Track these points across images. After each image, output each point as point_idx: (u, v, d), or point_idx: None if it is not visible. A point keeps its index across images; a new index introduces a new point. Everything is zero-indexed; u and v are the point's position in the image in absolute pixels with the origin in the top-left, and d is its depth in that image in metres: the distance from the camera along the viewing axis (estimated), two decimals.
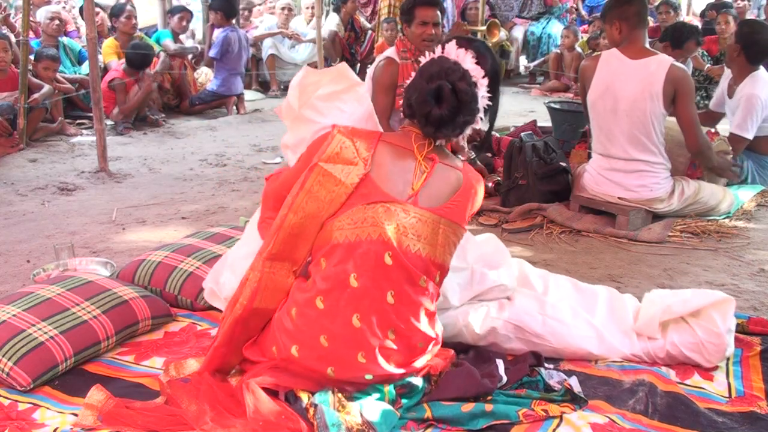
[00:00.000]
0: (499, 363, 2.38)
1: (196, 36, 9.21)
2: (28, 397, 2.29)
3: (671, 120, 4.06)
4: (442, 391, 2.24)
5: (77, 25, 8.21)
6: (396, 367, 2.14)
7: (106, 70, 6.92)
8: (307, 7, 9.39)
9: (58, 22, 7.05)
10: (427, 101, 2.17)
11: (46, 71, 6.30)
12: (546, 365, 2.44)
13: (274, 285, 2.18)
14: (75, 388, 2.34)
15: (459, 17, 9.67)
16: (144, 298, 2.74)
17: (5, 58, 5.93)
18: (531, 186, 4.28)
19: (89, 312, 2.54)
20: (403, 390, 2.19)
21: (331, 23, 9.42)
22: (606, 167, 4.10)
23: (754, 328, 2.72)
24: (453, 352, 2.40)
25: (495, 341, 2.53)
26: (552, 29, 9.76)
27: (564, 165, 4.40)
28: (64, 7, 8.20)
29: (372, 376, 2.12)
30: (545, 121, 5.72)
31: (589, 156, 4.40)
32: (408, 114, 2.26)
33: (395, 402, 2.16)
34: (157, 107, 7.24)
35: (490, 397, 2.23)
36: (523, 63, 10.38)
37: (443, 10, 4.67)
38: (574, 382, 2.31)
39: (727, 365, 2.52)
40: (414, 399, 2.21)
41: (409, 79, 2.28)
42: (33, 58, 6.38)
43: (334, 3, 10.12)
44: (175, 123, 7.12)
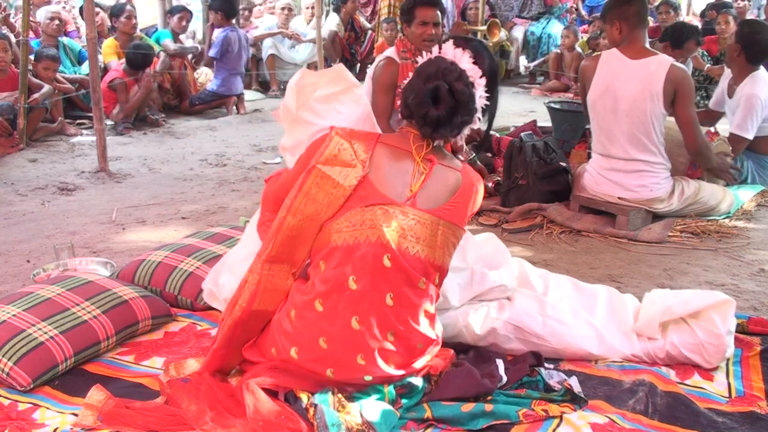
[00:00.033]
0: (499, 363, 2.38)
1: (196, 36, 9.21)
2: (28, 397, 2.29)
3: (671, 120, 4.06)
4: (442, 391, 2.24)
5: (77, 25, 8.21)
6: (395, 369, 2.14)
7: (106, 70, 6.92)
8: (307, 7, 9.38)
9: (58, 22, 7.05)
10: (424, 102, 2.16)
11: (46, 71, 6.30)
12: (546, 365, 2.44)
13: (273, 287, 2.18)
14: (75, 388, 2.34)
15: (459, 17, 9.69)
16: (144, 298, 2.74)
17: (5, 58, 5.93)
18: (531, 186, 4.28)
19: (89, 312, 2.54)
20: (403, 390, 2.19)
21: (331, 23, 9.43)
22: (606, 167, 4.10)
23: (754, 328, 2.72)
24: (453, 352, 2.39)
25: (495, 342, 2.52)
26: (552, 29, 9.76)
27: (564, 165, 4.40)
28: (64, 7, 8.20)
29: (371, 377, 2.12)
30: (545, 121, 5.72)
31: (589, 156, 4.41)
32: (405, 115, 2.26)
33: (395, 402, 2.16)
34: (157, 107, 7.23)
35: (490, 397, 2.23)
36: (523, 63, 10.37)
37: (443, 10, 4.66)
38: (574, 382, 2.31)
39: (727, 365, 2.52)
40: (414, 399, 2.21)
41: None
42: (33, 58, 6.37)
43: (334, 3, 10.12)
44: (175, 123, 7.12)
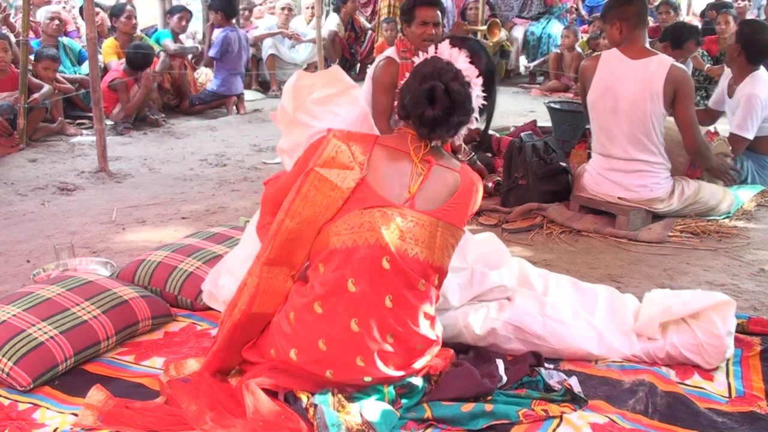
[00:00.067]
0: (499, 363, 2.38)
1: (196, 36, 9.21)
2: (28, 397, 2.29)
3: (671, 120, 4.06)
4: (442, 391, 2.23)
5: (77, 25, 8.21)
6: (395, 370, 2.14)
7: (106, 70, 6.92)
8: (307, 7, 9.39)
9: (58, 22, 7.05)
10: (421, 102, 2.16)
11: (46, 71, 6.30)
12: (546, 365, 2.44)
13: (272, 290, 2.18)
14: (75, 388, 2.34)
15: (459, 17, 9.69)
16: (144, 298, 2.74)
17: (5, 58, 5.93)
18: (531, 186, 4.28)
19: (89, 312, 2.54)
20: (403, 390, 2.19)
21: (331, 23, 9.42)
22: (606, 167, 4.10)
23: (754, 328, 2.72)
24: (453, 352, 2.39)
25: (495, 342, 2.52)
26: (552, 29, 9.76)
27: (564, 165, 4.39)
28: (64, 7, 8.20)
29: (371, 378, 2.12)
30: (545, 121, 5.72)
31: (589, 156, 4.41)
32: (402, 115, 2.25)
33: (395, 402, 2.16)
34: (157, 107, 7.23)
35: (490, 397, 2.23)
36: (523, 63, 10.37)
37: (443, 10, 4.66)
38: (574, 382, 2.31)
39: (727, 365, 2.52)
40: (414, 399, 2.21)
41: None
42: (33, 58, 6.37)
43: (334, 3, 10.12)
44: (175, 123, 7.12)
